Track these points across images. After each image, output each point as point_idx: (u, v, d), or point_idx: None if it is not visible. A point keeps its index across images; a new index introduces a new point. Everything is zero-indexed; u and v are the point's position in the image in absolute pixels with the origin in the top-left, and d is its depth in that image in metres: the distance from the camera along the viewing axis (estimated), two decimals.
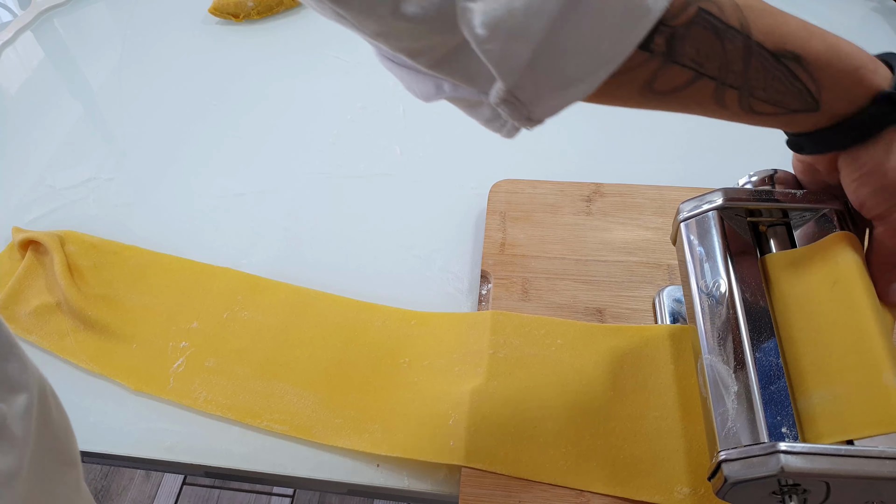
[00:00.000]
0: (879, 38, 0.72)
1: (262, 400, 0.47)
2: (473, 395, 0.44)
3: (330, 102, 0.70)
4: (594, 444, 0.42)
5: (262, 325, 0.51)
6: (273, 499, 1.21)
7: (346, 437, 0.45)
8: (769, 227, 0.41)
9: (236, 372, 0.49)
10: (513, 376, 0.45)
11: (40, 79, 0.77)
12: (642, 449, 0.41)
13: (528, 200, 0.56)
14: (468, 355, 0.47)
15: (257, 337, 0.51)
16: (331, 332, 0.51)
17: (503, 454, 0.42)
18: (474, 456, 0.42)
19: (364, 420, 0.46)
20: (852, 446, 0.31)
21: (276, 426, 0.46)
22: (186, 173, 0.65)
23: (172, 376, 0.49)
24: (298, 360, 0.49)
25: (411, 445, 0.43)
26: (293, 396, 0.47)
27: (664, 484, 0.40)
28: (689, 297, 0.39)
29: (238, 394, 0.48)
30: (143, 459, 0.46)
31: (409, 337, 0.50)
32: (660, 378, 0.44)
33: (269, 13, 0.81)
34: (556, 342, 0.47)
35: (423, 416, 0.45)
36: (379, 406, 0.46)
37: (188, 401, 0.48)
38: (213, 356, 0.50)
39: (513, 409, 0.44)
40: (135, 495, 1.23)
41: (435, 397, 0.46)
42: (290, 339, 0.50)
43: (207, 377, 0.49)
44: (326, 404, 0.47)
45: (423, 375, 0.47)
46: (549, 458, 0.42)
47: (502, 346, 0.47)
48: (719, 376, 0.35)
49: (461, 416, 0.44)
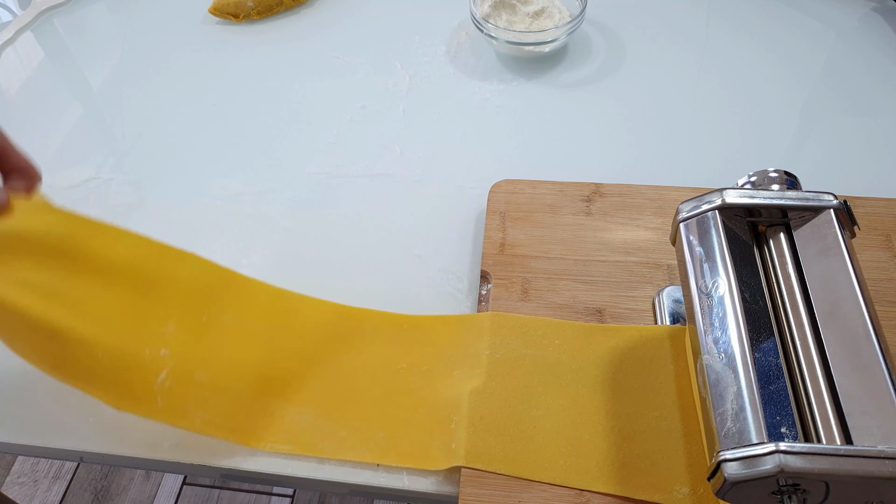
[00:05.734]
0: (879, 38, 0.72)
1: (264, 420, 0.45)
2: (472, 397, 0.44)
3: (330, 102, 0.70)
4: (593, 443, 0.42)
5: (247, 331, 0.47)
6: (273, 499, 1.21)
7: (352, 449, 0.44)
8: (768, 227, 0.42)
9: (232, 388, 0.45)
10: (510, 377, 0.45)
11: (40, 79, 0.77)
12: (641, 448, 0.42)
13: (527, 200, 0.56)
14: (466, 358, 0.47)
15: (245, 346, 0.47)
16: (322, 341, 0.49)
17: (502, 454, 0.42)
18: (474, 457, 0.42)
19: (368, 430, 0.45)
20: (852, 446, 0.31)
21: (282, 447, 0.44)
22: (186, 173, 0.65)
23: (159, 394, 0.42)
24: (293, 375, 0.47)
25: (418, 454, 0.43)
26: (294, 414, 0.45)
27: (664, 483, 0.40)
28: (688, 297, 0.39)
29: (238, 414, 0.44)
30: (143, 459, 0.46)
31: (403, 342, 0.49)
32: (659, 378, 0.44)
33: (269, 13, 0.81)
34: (554, 342, 0.47)
35: (427, 423, 0.45)
36: (381, 415, 0.45)
37: (184, 423, 0.43)
38: (201, 368, 0.44)
39: (511, 410, 0.44)
40: (135, 495, 1.23)
41: (437, 403, 0.45)
42: (281, 350, 0.48)
43: (200, 394, 0.43)
44: (328, 417, 0.45)
45: (422, 382, 0.47)
46: (548, 457, 0.42)
47: (499, 346, 0.47)
48: (719, 376, 0.35)
49: (461, 419, 0.44)
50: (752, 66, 0.71)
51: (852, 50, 0.71)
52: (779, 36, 0.74)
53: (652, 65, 0.72)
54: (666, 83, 0.69)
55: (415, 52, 0.75)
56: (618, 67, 0.72)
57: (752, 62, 0.71)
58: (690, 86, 0.69)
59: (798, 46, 0.72)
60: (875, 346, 0.34)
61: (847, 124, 0.64)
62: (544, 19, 0.72)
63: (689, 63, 0.72)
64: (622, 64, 0.72)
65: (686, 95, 0.68)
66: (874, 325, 0.34)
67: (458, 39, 0.76)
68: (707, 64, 0.71)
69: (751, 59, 0.71)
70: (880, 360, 0.33)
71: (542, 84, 0.70)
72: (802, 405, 0.35)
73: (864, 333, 0.34)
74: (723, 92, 0.68)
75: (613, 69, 0.71)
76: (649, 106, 0.67)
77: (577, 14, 0.69)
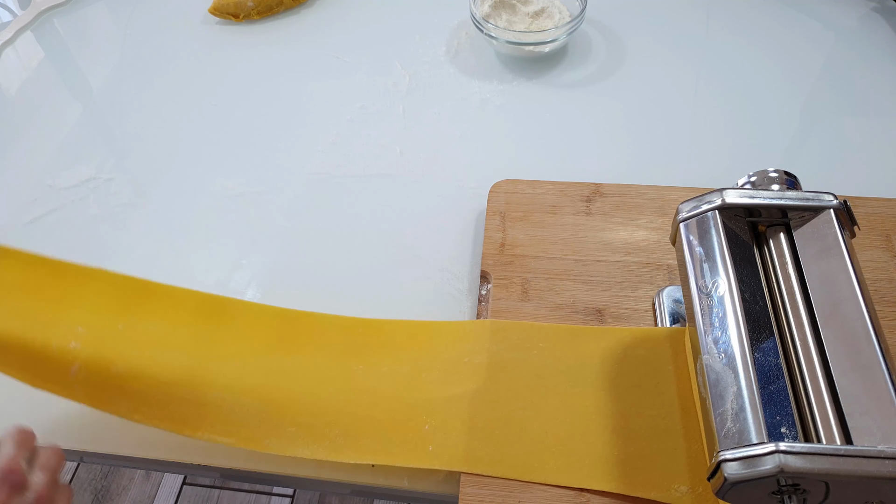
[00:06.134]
0: (879, 38, 0.72)
1: (197, 409, 0.42)
2: (451, 401, 0.44)
3: (330, 102, 0.70)
4: (587, 442, 0.42)
5: (170, 335, 0.45)
6: (273, 499, 1.21)
7: (304, 445, 0.42)
8: (768, 227, 0.42)
9: (157, 377, 0.42)
10: (493, 380, 0.45)
11: (40, 79, 0.77)
12: (639, 446, 0.41)
13: (527, 200, 0.56)
14: (437, 363, 0.46)
15: (167, 349, 0.44)
16: (259, 343, 0.46)
17: (487, 456, 0.42)
18: (458, 460, 0.41)
19: (321, 426, 0.42)
20: (852, 446, 0.31)
21: (221, 438, 0.41)
22: (186, 173, 0.65)
23: (76, 383, 0.41)
24: (226, 371, 0.44)
25: (381, 451, 0.42)
26: (231, 405, 0.42)
27: (662, 481, 0.40)
28: (688, 297, 0.39)
29: (167, 402, 0.41)
30: (143, 459, 0.46)
31: (358, 346, 0.47)
32: (656, 377, 0.44)
33: (269, 13, 0.81)
34: (538, 346, 0.47)
35: (392, 421, 0.43)
36: (336, 412, 0.43)
37: (108, 409, 0.41)
38: (119, 361, 0.42)
39: (496, 413, 0.43)
40: (135, 495, 1.23)
41: (405, 404, 0.44)
42: (211, 352, 0.45)
43: (121, 384, 0.41)
44: (274, 412, 0.42)
45: (384, 382, 0.45)
46: (538, 458, 0.41)
47: (477, 352, 0.46)
48: (719, 376, 0.35)
49: (438, 422, 0.43)
50: (752, 65, 0.71)
51: (852, 50, 0.71)
52: (779, 36, 0.74)
53: (652, 65, 0.72)
54: (666, 83, 0.69)
55: (415, 52, 0.75)
56: (618, 67, 0.72)
57: (752, 62, 0.71)
58: (690, 85, 0.69)
59: (798, 46, 0.72)
60: (875, 346, 0.34)
61: (847, 124, 0.64)
62: (544, 19, 0.72)
63: (689, 63, 0.72)
64: (622, 64, 0.72)
65: (686, 95, 0.68)
66: (874, 325, 0.34)
67: (458, 39, 0.76)
68: (707, 64, 0.71)
69: (751, 58, 0.71)
70: (880, 360, 0.33)
71: (542, 84, 0.70)
72: (802, 405, 0.35)
73: (864, 333, 0.34)
74: (723, 92, 0.68)
75: (613, 69, 0.71)
76: (649, 106, 0.67)
77: (577, 14, 0.69)
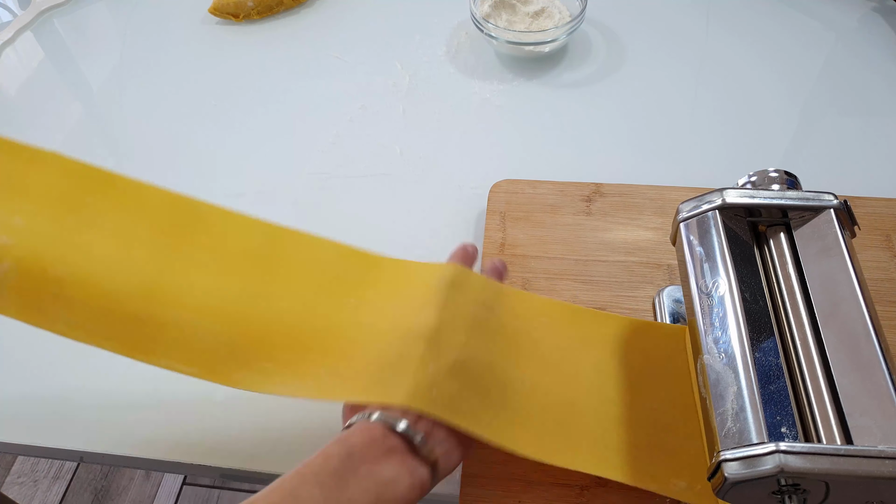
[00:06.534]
0: (879, 38, 0.72)
1: (152, 330, 0.35)
2: (449, 348, 0.37)
3: (330, 102, 0.70)
4: (583, 423, 0.40)
5: (128, 239, 0.37)
6: None
7: (282, 383, 0.35)
8: (769, 226, 0.42)
9: (107, 287, 0.35)
10: (493, 342, 0.40)
11: (40, 79, 0.77)
12: (638, 438, 0.40)
13: (527, 200, 0.56)
14: (439, 311, 0.39)
15: (123, 254, 0.36)
16: (236, 260, 0.39)
17: (487, 419, 0.36)
18: (449, 409, 0.35)
19: (303, 363, 0.36)
20: (852, 446, 0.31)
21: (180, 366, 0.34)
22: (186, 173, 0.65)
23: (5, 287, 0.34)
24: (193, 288, 0.37)
25: (372, 389, 0.35)
26: (195, 328, 0.35)
27: (661, 475, 0.39)
28: (688, 296, 0.39)
29: (114, 318, 0.34)
30: (143, 459, 0.46)
31: (352, 278, 0.41)
32: (658, 371, 0.44)
33: (269, 13, 0.81)
34: (540, 319, 0.44)
35: (387, 356, 0.36)
36: (322, 348, 0.37)
37: (41, 322, 0.34)
38: (60, 263, 0.35)
39: (495, 376, 0.39)
40: (135, 495, 1.23)
41: (400, 337, 0.37)
42: (177, 264, 0.37)
43: (59, 291, 0.34)
44: (246, 343, 0.36)
45: (378, 317, 0.39)
46: (535, 433, 0.38)
47: (482, 308, 0.41)
48: (719, 376, 0.35)
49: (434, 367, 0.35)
50: (752, 65, 0.71)
51: (852, 50, 0.71)
52: (778, 36, 0.74)
53: (652, 65, 0.72)
54: (666, 83, 0.69)
55: (415, 52, 0.75)
56: (618, 67, 0.72)
57: (752, 62, 0.71)
58: (690, 86, 0.69)
59: (798, 47, 0.72)
60: (875, 346, 0.34)
61: (847, 124, 0.64)
62: (544, 19, 0.72)
63: (689, 63, 0.72)
64: (622, 64, 0.72)
65: (686, 95, 0.68)
66: (874, 325, 0.34)
67: (458, 39, 0.76)
68: (707, 64, 0.72)
69: (751, 58, 0.71)
70: (880, 360, 0.33)
71: (542, 84, 0.70)
72: (802, 405, 0.35)
73: (864, 333, 0.34)
74: (723, 92, 0.68)
75: (613, 69, 0.71)
76: (649, 106, 0.67)
77: (577, 14, 0.69)
